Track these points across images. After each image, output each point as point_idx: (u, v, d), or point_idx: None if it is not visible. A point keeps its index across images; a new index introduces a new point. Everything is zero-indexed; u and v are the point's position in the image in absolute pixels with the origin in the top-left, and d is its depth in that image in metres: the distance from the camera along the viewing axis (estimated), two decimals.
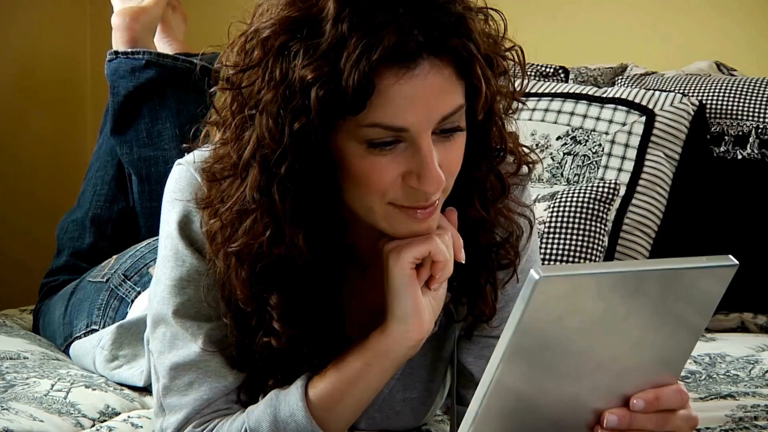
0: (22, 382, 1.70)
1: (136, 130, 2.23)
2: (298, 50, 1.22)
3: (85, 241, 2.23)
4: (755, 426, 1.57)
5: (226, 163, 1.30)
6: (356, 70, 1.20)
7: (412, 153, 1.24)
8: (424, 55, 1.22)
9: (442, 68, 1.23)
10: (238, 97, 1.27)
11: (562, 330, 1.11)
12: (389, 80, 1.22)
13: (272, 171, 1.26)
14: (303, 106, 1.22)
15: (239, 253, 1.30)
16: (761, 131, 2.37)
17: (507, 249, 1.39)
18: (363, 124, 1.23)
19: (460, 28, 1.24)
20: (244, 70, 1.26)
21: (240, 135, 1.28)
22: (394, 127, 1.23)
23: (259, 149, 1.26)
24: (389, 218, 1.28)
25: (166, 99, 2.23)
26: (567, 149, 2.36)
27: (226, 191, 1.31)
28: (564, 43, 2.81)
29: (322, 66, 1.21)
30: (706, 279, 1.13)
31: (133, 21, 2.27)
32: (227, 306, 1.34)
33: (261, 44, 1.25)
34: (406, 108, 1.22)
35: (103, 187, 2.26)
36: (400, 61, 1.21)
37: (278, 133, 1.24)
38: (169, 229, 1.38)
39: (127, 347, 1.81)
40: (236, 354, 1.36)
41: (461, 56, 1.24)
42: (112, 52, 2.27)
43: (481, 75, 1.25)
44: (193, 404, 1.36)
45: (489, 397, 1.13)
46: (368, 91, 1.21)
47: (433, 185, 1.25)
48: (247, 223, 1.29)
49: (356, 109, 1.22)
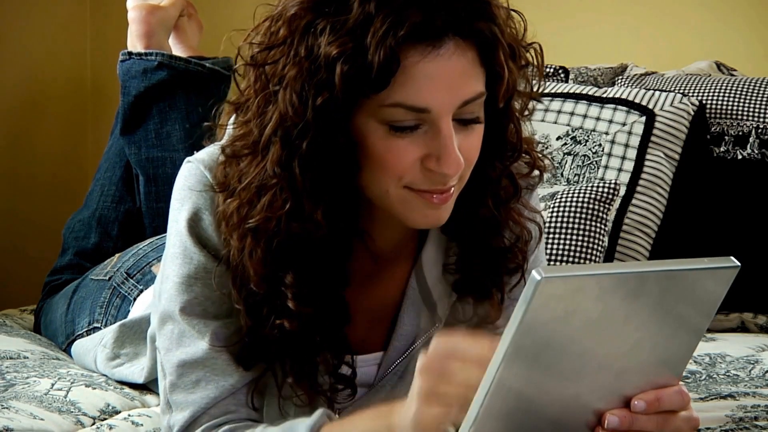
0: (23, 382, 1.70)
1: (145, 131, 2.24)
2: (324, 27, 1.23)
3: (90, 240, 2.23)
4: (755, 426, 1.57)
5: (247, 141, 1.31)
6: (382, 47, 1.21)
7: (432, 135, 1.26)
8: (450, 35, 1.24)
9: (466, 50, 1.25)
10: (262, 76, 1.29)
11: (564, 330, 1.11)
12: (414, 58, 1.23)
13: (294, 145, 1.27)
14: (327, 81, 1.23)
15: (256, 230, 1.31)
16: (761, 131, 2.37)
17: (515, 253, 1.40)
18: (385, 104, 1.24)
19: (486, 12, 1.26)
20: (269, 48, 1.28)
21: (263, 111, 1.29)
22: (416, 107, 1.24)
23: (282, 124, 1.27)
24: (404, 202, 1.29)
25: (176, 101, 2.24)
26: (567, 149, 2.36)
27: (245, 169, 1.31)
28: (564, 43, 2.81)
29: (347, 42, 1.22)
30: (708, 280, 1.13)
31: (149, 14, 2.29)
32: (239, 293, 1.34)
33: (287, 22, 1.26)
34: (429, 88, 1.24)
35: (110, 188, 2.27)
36: (426, 40, 1.23)
37: (301, 107, 1.25)
38: (177, 226, 1.38)
39: (128, 346, 1.81)
40: (248, 343, 1.35)
41: (485, 39, 1.26)
42: (126, 52, 2.29)
43: (503, 61, 1.27)
44: (200, 402, 1.36)
45: (490, 397, 1.13)
46: (393, 67, 1.22)
47: (452, 167, 1.26)
48: (266, 198, 1.30)
49: (380, 85, 1.23)
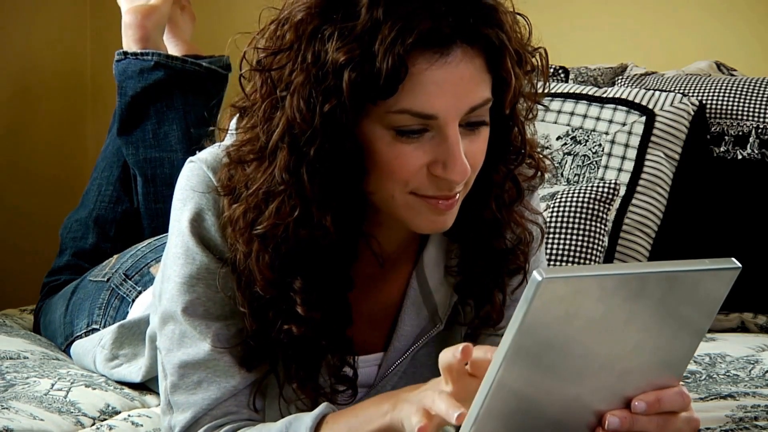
0: (22, 382, 1.70)
1: (142, 131, 2.23)
2: (332, 33, 1.23)
3: (87, 241, 2.23)
4: (755, 426, 1.57)
5: (254, 146, 1.31)
6: (390, 54, 1.21)
7: (439, 142, 1.26)
8: (458, 42, 1.24)
9: (474, 57, 1.25)
10: (268, 81, 1.28)
11: (564, 331, 1.11)
12: (422, 65, 1.23)
13: (302, 152, 1.27)
14: (335, 87, 1.23)
15: (264, 236, 1.30)
16: (761, 131, 2.37)
17: (517, 254, 1.40)
18: (392, 110, 1.24)
19: (493, 19, 1.26)
20: (275, 53, 1.28)
21: (270, 117, 1.29)
22: (423, 113, 1.24)
23: (289, 131, 1.26)
24: (410, 208, 1.29)
25: (174, 100, 2.23)
26: (567, 149, 2.36)
27: (252, 175, 1.31)
28: (564, 43, 2.81)
29: (355, 49, 1.22)
30: (709, 282, 1.13)
31: (144, 18, 2.27)
32: (243, 296, 1.34)
33: (294, 27, 1.26)
34: (437, 95, 1.24)
35: (107, 188, 2.26)
36: (434, 47, 1.23)
37: (309, 114, 1.25)
38: (180, 226, 1.38)
39: (127, 347, 1.81)
40: (252, 346, 1.35)
41: (493, 46, 1.26)
42: (121, 52, 2.27)
43: (510, 68, 1.27)
44: (202, 403, 1.36)
45: (490, 398, 1.13)
46: (401, 74, 1.22)
47: (459, 174, 1.26)
48: (274, 204, 1.29)
49: (388, 92, 1.23)
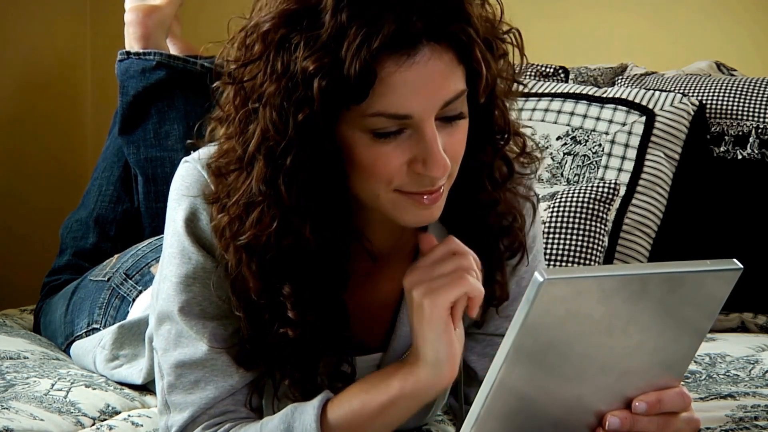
0: (23, 382, 1.70)
1: (143, 131, 2.23)
2: (299, 42, 1.23)
3: (88, 241, 2.22)
4: (755, 426, 1.57)
5: (231, 157, 1.31)
6: (357, 59, 1.20)
7: (417, 140, 1.26)
8: (424, 41, 1.23)
9: (443, 54, 1.24)
10: (241, 92, 1.28)
11: (566, 332, 1.11)
12: (390, 68, 1.23)
13: (278, 163, 1.26)
14: (306, 97, 1.23)
15: (248, 246, 1.31)
16: (761, 131, 2.37)
17: (515, 233, 1.40)
18: (367, 114, 1.24)
19: (459, 14, 1.25)
20: (245, 65, 1.27)
21: (244, 129, 1.28)
22: (397, 114, 1.24)
23: (264, 142, 1.26)
24: (395, 205, 1.29)
25: (175, 100, 2.23)
26: (567, 149, 2.36)
27: (233, 185, 1.31)
28: (564, 43, 2.81)
29: (323, 57, 1.22)
30: (710, 283, 1.13)
31: (145, 17, 2.27)
32: (239, 301, 1.34)
33: (261, 38, 1.25)
34: (409, 95, 1.23)
35: (108, 188, 2.26)
36: (401, 49, 1.22)
37: (282, 125, 1.25)
38: (175, 226, 1.38)
39: (127, 347, 1.80)
40: (249, 349, 1.35)
41: (461, 41, 1.25)
42: (124, 52, 2.27)
43: (480, 59, 1.26)
44: (199, 403, 1.36)
45: (491, 398, 1.13)
46: (370, 79, 1.22)
47: (438, 170, 1.26)
48: (254, 215, 1.30)
49: (359, 98, 1.22)
